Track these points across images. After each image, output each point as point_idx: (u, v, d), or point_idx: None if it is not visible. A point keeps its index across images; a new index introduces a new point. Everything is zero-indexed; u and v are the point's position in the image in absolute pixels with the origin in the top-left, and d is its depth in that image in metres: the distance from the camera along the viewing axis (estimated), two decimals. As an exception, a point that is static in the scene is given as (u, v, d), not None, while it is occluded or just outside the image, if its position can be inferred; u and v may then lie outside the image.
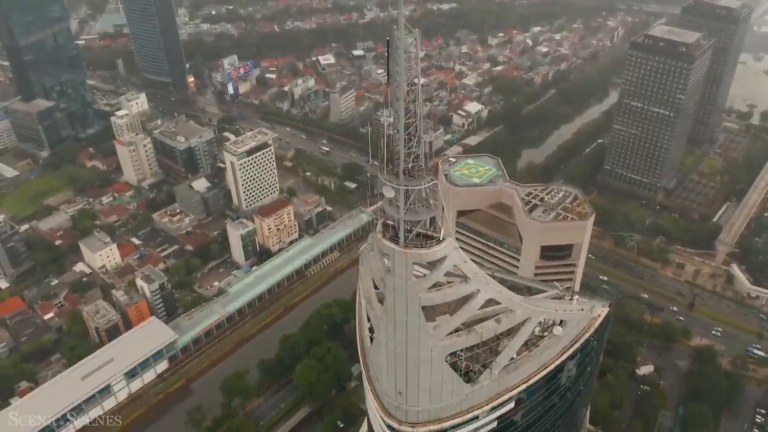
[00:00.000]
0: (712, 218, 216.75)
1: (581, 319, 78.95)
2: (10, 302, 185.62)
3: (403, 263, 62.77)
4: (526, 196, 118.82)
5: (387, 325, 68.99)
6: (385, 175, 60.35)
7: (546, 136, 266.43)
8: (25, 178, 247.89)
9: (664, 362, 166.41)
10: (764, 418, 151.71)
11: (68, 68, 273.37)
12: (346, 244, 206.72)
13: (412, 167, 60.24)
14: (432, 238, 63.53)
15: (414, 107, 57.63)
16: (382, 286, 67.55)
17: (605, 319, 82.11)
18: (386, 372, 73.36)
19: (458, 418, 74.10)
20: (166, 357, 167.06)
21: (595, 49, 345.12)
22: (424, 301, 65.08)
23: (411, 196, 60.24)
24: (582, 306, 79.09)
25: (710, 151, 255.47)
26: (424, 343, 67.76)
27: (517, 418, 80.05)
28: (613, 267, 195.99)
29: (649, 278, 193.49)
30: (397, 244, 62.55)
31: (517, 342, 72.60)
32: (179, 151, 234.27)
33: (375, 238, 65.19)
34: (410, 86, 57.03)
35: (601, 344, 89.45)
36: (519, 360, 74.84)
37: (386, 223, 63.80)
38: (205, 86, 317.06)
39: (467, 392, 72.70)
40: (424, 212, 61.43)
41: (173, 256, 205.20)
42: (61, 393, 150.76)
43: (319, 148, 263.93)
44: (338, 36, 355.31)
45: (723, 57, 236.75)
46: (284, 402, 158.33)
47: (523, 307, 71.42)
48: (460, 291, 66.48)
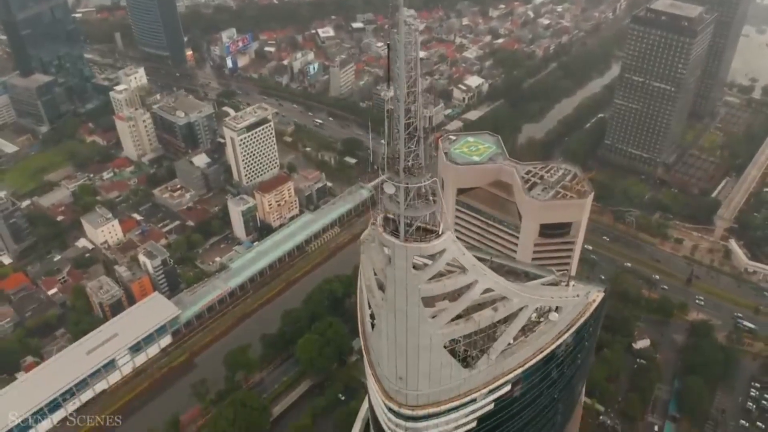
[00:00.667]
0: (712, 193, 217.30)
1: (577, 304, 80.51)
2: (13, 278, 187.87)
3: (403, 256, 64.30)
4: (525, 174, 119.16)
5: (387, 313, 70.62)
6: (387, 173, 61.62)
7: (547, 110, 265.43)
8: (25, 154, 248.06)
9: (662, 336, 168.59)
10: (759, 392, 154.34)
11: (66, 42, 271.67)
12: (346, 220, 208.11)
13: (412, 165, 61.55)
14: (432, 232, 64.91)
15: (414, 108, 58.57)
16: (383, 277, 69.09)
17: (600, 303, 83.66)
18: (387, 357, 75.19)
19: (456, 401, 76.09)
20: (169, 332, 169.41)
21: (597, 22, 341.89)
22: (423, 292, 66.66)
23: (411, 192, 61.70)
24: (578, 292, 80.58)
25: (711, 125, 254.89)
26: (424, 332, 69.47)
27: (515, 398, 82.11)
28: (611, 242, 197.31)
29: (648, 253, 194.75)
30: (398, 238, 63.97)
31: (513, 328, 74.32)
32: (179, 126, 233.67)
33: (376, 231, 66.41)
34: (410, 89, 58.01)
35: (596, 328, 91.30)
36: (515, 345, 76.57)
37: (387, 217, 65.06)
38: (204, 60, 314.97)
39: (465, 377, 74.58)
40: (424, 208, 63.01)
41: (174, 232, 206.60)
42: (67, 367, 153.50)
43: (313, 121, 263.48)
44: (337, 8, 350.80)
45: (725, 30, 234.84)
46: (286, 375, 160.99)
47: (519, 296, 72.97)
48: (459, 282, 68.04)
